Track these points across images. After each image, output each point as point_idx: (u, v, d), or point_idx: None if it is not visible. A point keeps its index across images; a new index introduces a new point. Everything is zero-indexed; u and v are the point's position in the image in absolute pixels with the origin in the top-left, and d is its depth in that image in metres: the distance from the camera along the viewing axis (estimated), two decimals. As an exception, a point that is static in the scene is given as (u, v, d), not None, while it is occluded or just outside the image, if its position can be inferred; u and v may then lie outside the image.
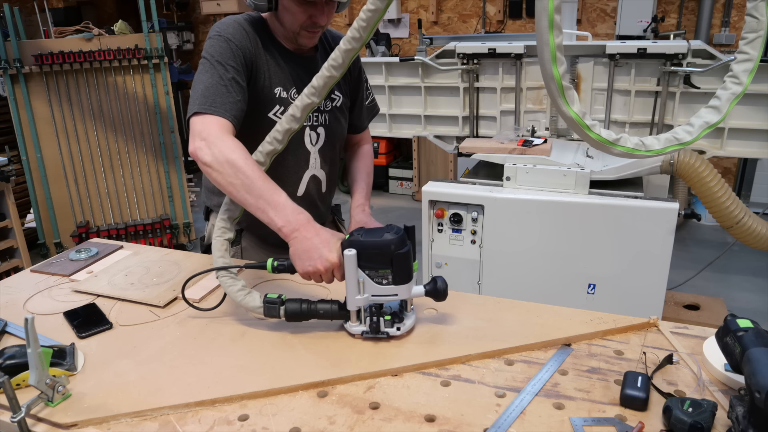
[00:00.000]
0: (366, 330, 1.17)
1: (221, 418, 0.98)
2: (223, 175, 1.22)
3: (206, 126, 1.27)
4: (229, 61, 1.34)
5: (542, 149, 2.37)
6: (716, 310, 2.79)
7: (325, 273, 1.15)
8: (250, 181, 1.20)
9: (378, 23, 1.13)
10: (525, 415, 0.96)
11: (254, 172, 1.21)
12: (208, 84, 1.31)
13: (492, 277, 2.40)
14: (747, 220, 2.15)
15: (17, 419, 0.95)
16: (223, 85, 1.31)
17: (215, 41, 1.36)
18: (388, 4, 1.08)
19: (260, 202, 1.19)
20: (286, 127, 1.29)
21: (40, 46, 3.71)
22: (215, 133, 1.26)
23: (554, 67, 1.05)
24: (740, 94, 1.17)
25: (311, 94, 1.25)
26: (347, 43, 1.16)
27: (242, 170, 1.20)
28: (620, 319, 1.23)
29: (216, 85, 1.31)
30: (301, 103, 1.26)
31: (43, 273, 1.55)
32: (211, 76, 1.32)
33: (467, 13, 5.29)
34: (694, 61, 2.43)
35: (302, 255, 1.16)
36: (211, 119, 1.28)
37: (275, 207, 1.19)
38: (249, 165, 1.22)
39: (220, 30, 1.38)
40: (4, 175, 3.39)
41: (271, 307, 1.20)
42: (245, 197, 1.21)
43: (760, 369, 0.82)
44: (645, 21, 4.23)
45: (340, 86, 1.58)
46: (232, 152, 1.22)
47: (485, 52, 2.68)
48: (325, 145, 1.58)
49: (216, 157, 1.22)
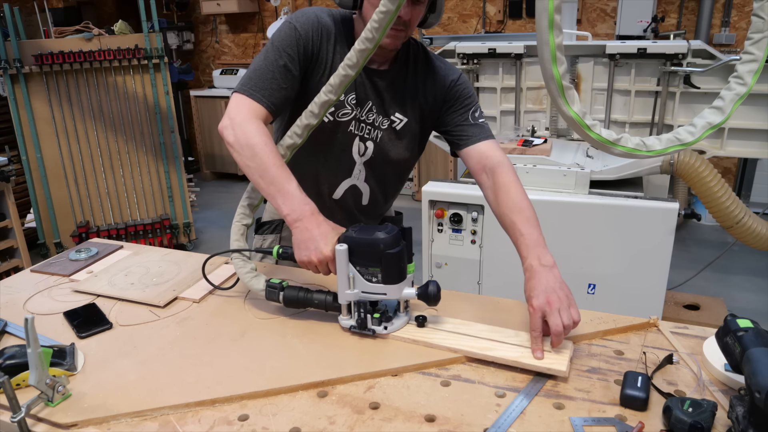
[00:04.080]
0: (354, 325, 1.19)
1: (221, 418, 0.98)
2: (242, 157, 1.27)
3: (239, 107, 1.30)
4: (287, 48, 1.34)
5: (542, 149, 2.37)
6: (716, 310, 2.79)
7: (319, 264, 1.19)
8: (265, 167, 1.24)
9: (391, 24, 1.14)
10: (525, 415, 0.96)
11: (270, 159, 1.25)
12: (257, 66, 1.34)
13: (492, 277, 2.40)
14: (747, 220, 2.15)
15: (17, 419, 0.95)
16: (271, 71, 1.32)
17: (282, 27, 1.37)
18: (399, 6, 1.10)
19: (271, 188, 1.24)
20: (305, 122, 1.32)
21: (40, 46, 3.71)
22: (244, 115, 1.29)
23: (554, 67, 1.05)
24: (744, 95, 1.17)
25: (328, 91, 1.27)
26: (361, 43, 1.18)
27: (259, 155, 1.24)
28: (620, 319, 1.23)
29: (264, 69, 1.33)
30: (319, 100, 1.28)
31: (43, 273, 1.55)
32: (264, 59, 1.34)
33: (467, 13, 5.29)
34: (694, 61, 2.43)
35: (300, 244, 1.21)
36: (246, 101, 1.31)
37: (284, 195, 1.23)
38: (267, 151, 1.25)
39: (292, 17, 1.38)
40: (4, 175, 3.38)
41: (272, 291, 1.25)
42: (258, 181, 1.26)
43: (760, 369, 0.82)
44: (645, 21, 4.23)
45: (407, 109, 1.47)
46: (253, 137, 1.26)
47: (485, 52, 2.68)
48: (372, 160, 1.50)
49: (237, 138, 1.27)
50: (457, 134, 1.47)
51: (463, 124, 1.46)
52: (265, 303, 1.34)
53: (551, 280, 1.14)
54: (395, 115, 1.47)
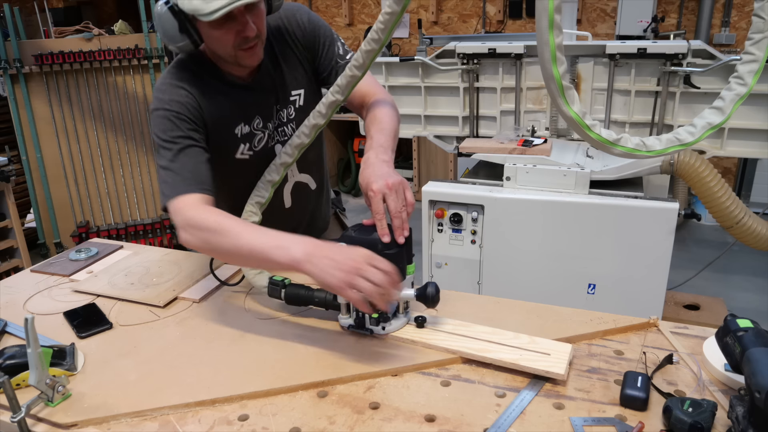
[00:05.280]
0: (352, 324, 1.19)
1: (221, 418, 0.98)
2: (208, 246, 1.17)
3: (178, 211, 1.21)
4: (173, 132, 1.27)
5: (542, 149, 2.37)
6: (716, 310, 2.79)
7: (367, 271, 1.01)
8: (236, 237, 1.13)
9: (396, 25, 1.15)
10: (525, 415, 0.96)
11: (232, 227, 1.14)
12: (163, 168, 1.26)
13: (492, 277, 2.40)
14: (747, 220, 2.15)
15: (17, 419, 0.95)
16: (175, 162, 1.25)
17: (154, 119, 1.29)
18: (404, 7, 1.11)
19: (255, 252, 1.11)
20: (312, 122, 1.32)
21: (40, 46, 3.71)
22: (187, 211, 1.20)
23: (554, 67, 1.05)
24: (744, 96, 1.17)
25: (336, 92, 1.27)
26: (368, 44, 1.18)
27: (220, 233, 1.14)
28: (620, 319, 1.23)
29: (168, 167, 1.25)
30: (327, 101, 1.28)
31: (43, 273, 1.55)
32: (162, 158, 1.26)
33: (467, 13, 5.29)
34: (694, 61, 2.43)
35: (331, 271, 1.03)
36: (178, 203, 1.22)
37: (274, 247, 1.09)
38: (225, 225, 1.15)
39: (156, 105, 1.29)
40: (4, 175, 3.38)
41: (274, 288, 1.24)
42: (237, 257, 1.17)
43: (760, 369, 0.82)
44: (645, 21, 4.23)
45: (298, 82, 1.46)
46: (203, 220, 1.17)
47: (485, 52, 2.68)
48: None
49: (195, 235, 1.17)
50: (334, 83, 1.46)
51: (335, 69, 1.45)
52: (265, 303, 1.34)
53: (385, 168, 1.21)
54: (291, 96, 1.46)
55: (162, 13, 1.23)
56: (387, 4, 1.12)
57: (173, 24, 1.23)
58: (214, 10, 1.15)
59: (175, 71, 1.34)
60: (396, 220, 1.15)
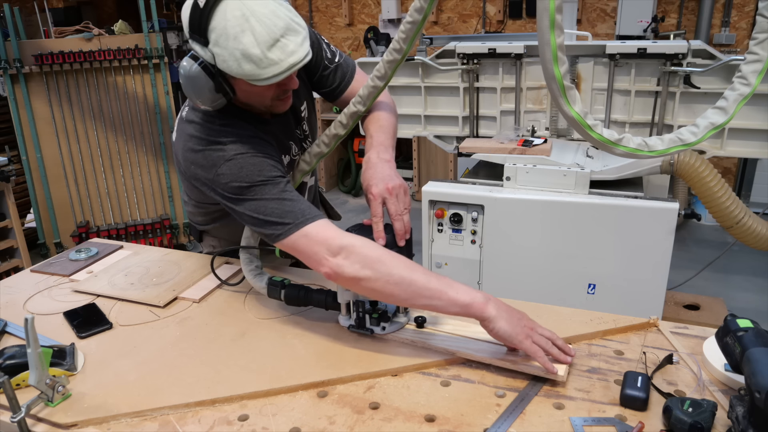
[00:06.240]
0: (353, 324, 1.19)
1: (221, 418, 0.98)
2: (382, 283, 1.07)
3: (319, 237, 1.10)
4: (270, 172, 1.17)
5: (542, 149, 2.37)
6: (716, 310, 2.79)
7: (538, 328, 1.07)
8: (414, 283, 1.06)
9: (418, 34, 1.16)
10: (525, 415, 0.96)
11: (408, 273, 1.07)
12: (277, 200, 1.15)
13: (492, 277, 2.40)
14: (747, 220, 2.15)
15: (17, 419, 0.95)
16: (289, 192, 1.17)
17: (232, 169, 1.17)
18: (425, 16, 1.12)
19: (435, 300, 1.07)
20: (333, 132, 1.34)
21: (40, 46, 3.71)
22: (335, 238, 1.09)
23: (555, 66, 1.05)
24: (748, 96, 1.16)
25: (357, 102, 1.29)
26: (390, 54, 1.19)
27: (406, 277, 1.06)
28: (620, 319, 1.23)
29: (283, 197, 1.15)
30: (349, 111, 1.31)
31: (43, 273, 1.55)
32: (268, 193, 1.15)
33: (467, 13, 5.29)
34: (694, 61, 2.43)
35: (514, 327, 1.05)
36: (315, 228, 1.12)
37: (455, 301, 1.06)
38: (396, 264, 1.07)
39: (222, 156, 1.18)
40: (4, 175, 3.38)
41: (273, 289, 1.26)
42: (415, 300, 1.08)
43: (760, 369, 0.82)
44: (645, 21, 4.23)
45: (300, 97, 1.42)
46: (372, 251, 1.09)
47: (485, 52, 2.68)
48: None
49: (364, 265, 1.06)
50: (328, 86, 1.44)
51: (324, 73, 1.42)
52: (265, 303, 1.34)
53: (387, 169, 1.23)
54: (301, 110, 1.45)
55: (194, 73, 1.15)
56: (409, 13, 1.13)
57: (208, 84, 1.15)
58: (272, 76, 1.09)
59: (208, 126, 1.23)
60: (397, 223, 1.16)
